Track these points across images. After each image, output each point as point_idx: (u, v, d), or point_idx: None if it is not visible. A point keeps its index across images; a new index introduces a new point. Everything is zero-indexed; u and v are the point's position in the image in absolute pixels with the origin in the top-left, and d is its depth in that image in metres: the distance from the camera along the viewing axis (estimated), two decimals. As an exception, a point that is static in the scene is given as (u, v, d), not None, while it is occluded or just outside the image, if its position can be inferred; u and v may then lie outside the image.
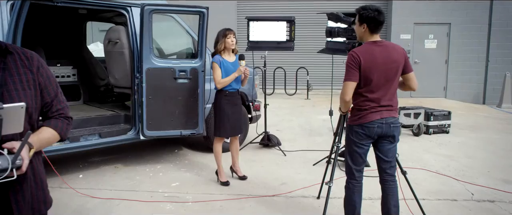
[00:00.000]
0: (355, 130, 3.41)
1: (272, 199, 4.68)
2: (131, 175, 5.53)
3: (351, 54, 3.32)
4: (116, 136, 5.61)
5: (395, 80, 3.39)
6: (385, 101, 3.35)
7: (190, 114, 5.60)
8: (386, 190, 3.49)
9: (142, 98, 5.33)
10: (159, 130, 5.51)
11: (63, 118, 1.92)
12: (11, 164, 1.53)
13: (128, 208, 4.43)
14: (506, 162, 6.22)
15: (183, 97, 5.54)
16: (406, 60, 3.44)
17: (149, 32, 5.25)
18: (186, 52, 6.39)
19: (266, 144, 6.91)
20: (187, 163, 6.12)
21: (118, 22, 7.11)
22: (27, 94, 1.75)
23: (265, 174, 5.55)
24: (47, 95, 1.85)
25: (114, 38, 5.96)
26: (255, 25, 6.65)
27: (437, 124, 8.01)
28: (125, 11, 5.61)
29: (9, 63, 1.73)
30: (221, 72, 4.88)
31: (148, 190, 4.95)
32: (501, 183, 5.16)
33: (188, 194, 4.82)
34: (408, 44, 13.59)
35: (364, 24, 3.36)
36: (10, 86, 1.70)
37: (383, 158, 3.47)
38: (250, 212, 4.34)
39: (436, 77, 13.79)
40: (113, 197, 4.69)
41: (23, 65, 1.77)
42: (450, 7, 13.55)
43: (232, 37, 4.96)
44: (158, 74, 5.38)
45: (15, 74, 1.73)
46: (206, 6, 5.45)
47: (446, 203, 4.52)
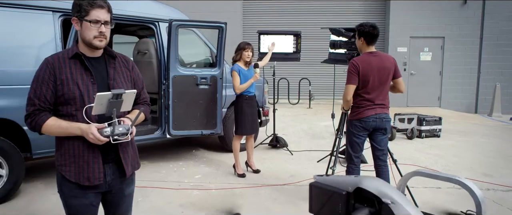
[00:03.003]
0: (354, 124, 4.21)
1: (283, 187, 5.45)
2: (157, 169, 6.28)
3: (352, 63, 4.13)
4: (144, 135, 6.37)
5: (387, 83, 4.19)
6: (379, 100, 4.15)
7: (209, 116, 6.37)
8: (380, 173, 4.28)
9: (168, 102, 6.10)
10: (183, 129, 6.27)
11: (146, 104, 2.70)
12: (130, 130, 2.31)
13: (160, 194, 5.18)
14: (489, 160, 6.99)
15: (204, 101, 6.31)
16: (396, 68, 4.23)
17: (176, 44, 6.04)
18: (204, 62, 7.19)
19: (274, 144, 7.69)
20: (205, 160, 6.89)
21: (141, 35, 7.94)
22: (127, 86, 2.52)
23: (276, 169, 6.32)
24: (137, 87, 2.61)
25: (143, 49, 6.76)
26: (265, 38, 7.44)
27: (429, 129, 8.78)
28: (153, 25, 6.42)
29: (116, 64, 2.50)
30: (240, 79, 5.67)
31: (175, 181, 5.71)
32: (481, 175, 5.94)
33: (210, 183, 5.59)
34: (405, 56, 14.37)
35: (362, 38, 4.18)
36: (118, 80, 2.46)
37: (377, 146, 4.27)
38: (266, 196, 5.10)
39: (430, 88, 14.55)
40: (146, 185, 5.43)
41: (124, 66, 2.54)
42: (444, 22, 14.32)
43: (249, 51, 5.77)
44: (182, 81, 6.15)
45: (120, 72, 2.49)
46: (224, 22, 6.26)
47: (432, 190, 5.29)
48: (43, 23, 5.17)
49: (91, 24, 2.23)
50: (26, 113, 2.28)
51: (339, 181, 1.42)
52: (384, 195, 1.28)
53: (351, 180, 1.39)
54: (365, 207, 1.33)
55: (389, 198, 1.27)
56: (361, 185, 1.34)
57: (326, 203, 1.41)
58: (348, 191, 1.38)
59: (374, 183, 1.34)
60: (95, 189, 2.39)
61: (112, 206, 2.55)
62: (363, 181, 1.35)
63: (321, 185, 1.45)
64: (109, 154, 2.39)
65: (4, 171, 4.83)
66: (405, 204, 1.27)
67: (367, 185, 1.33)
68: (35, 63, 4.98)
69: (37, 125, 2.25)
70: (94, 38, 2.25)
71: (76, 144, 2.29)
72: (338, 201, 1.37)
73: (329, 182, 1.44)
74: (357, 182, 1.36)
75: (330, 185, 1.42)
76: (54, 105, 2.29)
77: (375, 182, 1.37)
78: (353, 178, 1.39)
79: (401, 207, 1.26)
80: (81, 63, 2.30)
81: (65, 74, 2.25)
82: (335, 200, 1.38)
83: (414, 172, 1.74)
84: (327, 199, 1.40)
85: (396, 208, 1.25)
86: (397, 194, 1.30)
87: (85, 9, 2.22)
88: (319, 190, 1.45)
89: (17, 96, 4.85)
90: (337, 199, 1.37)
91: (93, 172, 2.33)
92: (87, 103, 2.25)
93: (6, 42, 4.84)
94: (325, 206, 1.41)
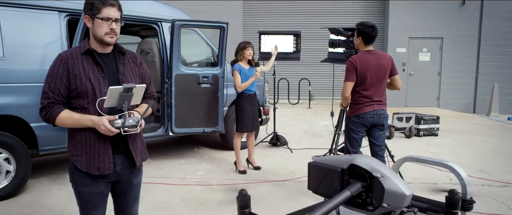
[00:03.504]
0: (353, 120, 4.34)
1: (283, 183, 5.58)
2: (160, 166, 6.41)
3: (350, 61, 4.27)
4: (147, 132, 6.49)
5: (384, 81, 4.33)
6: (376, 97, 4.28)
7: (211, 114, 6.49)
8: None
9: (171, 100, 6.22)
10: (185, 127, 6.40)
11: (154, 98, 2.83)
12: (139, 122, 2.44)
13: (164, 190, 5.31)
14: (485, 158, 7.12)
15: (205, 99, 6.43)
16: (393, 65, 4.36)
17: (178, 44, 6.16)
18: (206, 61, 7.33)
19: (274, 143, 7.82)
20: (206, 157, 7.02)
21: (143, 35, 8.07)
22: (136, 81, 2.65)
23: (276, 166, 6.45)
24: (145, 82, 2.74)
25: (146, 48, 6.90)
26: (266, 38, 7.58)
27: (427, 127, 8.92)
28: (156, 25, 6.56)
29: (125, 60, 2.63)
30: (241, 78, 5.80)
31: (178, 177, 5.85)
32: (476, 172, 6.08)
33: (212, 179, 5.72)
34: (403, 57, 14.51)
35: (360, 37, 4.31)
36: (127, 75, 2.59)
37: (374, 142, 4.40)
38: (267, 192, 5.23)
39: (429, 88, 14.69)
40: (149, 181, 5.56)
41: (133, 62, 2.67)
42: (443, 23, 14.47)
43: (250, 49, 5.91)
44: (185, 80, 6.27)
45: (129, 67, 2.62)
46: (226, 22, 6.40)
47: (428, 185, 5.42)
48: (49, 23, 5.30)
49: (102, 21, 2.36)
50: (41, 106, 2.41)
51: (334, 160, 1.55)
52: (375, 170, 1.42)
53: (346, 158, 1.52)
54: (358, 182, 1.47)
55: (379, 172, 1.41)
56: (355, 162, 1.48)
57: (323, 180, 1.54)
58: (343, 168, 1.51)
59: (366, 160, 1.48)
60: (105, 178, 2.52)
61: (121, 195, 2.68)
62: (356, 158, 1.49)
63: (318, 164, 1.59)
64: (118, 145, 2.52)
65: (12, 166, 4.97)
66: (393, 177, 1.40)
67: (360, 161, 1.47)
68: (41, 62, 5.13)
69: (51, 117, 2.38)
70: (105, 35, 2.38)
71: (87, 135, 2.42)
72: (334, 177, 1.50)
73: (326, 161, 1.58)
74: (351, 159, 1.49)
75: (327, 164, 1.56)
76: (67, 98, 2.42)
77: (367, 159, 1.50)
78: (347, 157, 1.53)
79: (390, 180, 1.39)
80: (93, 59, 2.43)
81: (78, 69, 2.38)
82: (331, 177, 1.51)
83: (406, 158, 1.88)
84: (324, 176, 1.53)
85: (385, 181, 1.38)
86: (387, 169, 1.44)
87: (97, 7, 2.36)
88: (317, 169, 1.58)
89: (24, 94, 4.99)
90: (333, 175, 1.51)
91: (103, 162, 2.46)
92: (99, 96, 2.38)
93: (13, 41, 4.97)
94: (322, 182, 1.54)
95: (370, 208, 1.46)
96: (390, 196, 1.39)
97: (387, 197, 1.39)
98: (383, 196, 1.39)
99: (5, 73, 4.89)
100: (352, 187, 1.43)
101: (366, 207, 1.48)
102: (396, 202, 1.40)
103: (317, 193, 1.63)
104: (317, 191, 1.61)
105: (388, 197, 1.39)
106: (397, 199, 1.40)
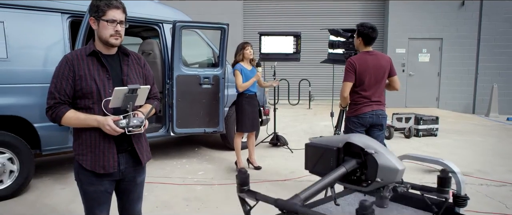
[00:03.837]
0: (352, 120, 4.40)
1: (283, 182, 5.64)
2: (161, 166, 6.47)
3: (349, 61, 4.32)
4: (148, 132, 6.52)
5: (383, 81, 4.38)
6: (375, 97, 4.34)
7: (212, 114, 6.55)
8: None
9: (172, 100, 6.28)
10: (186, 127, 6.45)
11: (157, 99, 2.89)
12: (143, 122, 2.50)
13: (165, 189, 5.36)
14: (484, 158, 7.18)
15: (206, 100, 6.48)
16: (391, 66, 4.42)
17: (179, 45, 6.22)
18: (207, 62, 7.39)
19: (275, 143, 7.88)
20: (207, 157, 7.08)
21: (144, 36, 8.14)
22: (139, 82, 2.71)
23: (276, 166, 6.51)
24: (148, 83, 2.80)
25: (148, 49, 6.96)
26: (266, 39, 7.63)
27: (426, 128, 8.97)
28: (157, 26, 6.62)
29: (129, 61, 2.69)
30: (242, 78, 5.86)
31: (179, 177, 5.90)
32: (475, 172, 6.13)
33: (213, 179, 5.78)
34: (403, 57, 14.58)
35: (360, 37, 4.37)
36: (131, 76, 2.65)
37: (374, 142, 4.45)
38: (267, 191, 5.22)
39: (429, 89, 14.75)
40: (151, 181, 5.61)
41: (136, 63, 2.72)
42: (442, 24, 14.55)
43: (250, 49, 5.97)
44: (186, 81, 6.33)
45: (133, 69, 2.68)
46: (226, 23, 6.46)
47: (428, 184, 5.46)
48: (52, 24, 5.37)
49: (107, 23, 2.42)
50: (47, 106, 2.46)
51: (330, 140, 1.61)
52: (369, 147, 1.48)
53: (341, 137, 1.59)
54: (353, 159, 1.52)
55: (373, 148, 1.47)
56: (349, 140, 1.54)
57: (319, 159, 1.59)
58: (338, 147, 1.57)
59: (361, 138, 1.54)
60: (109, 177, 2.58)
61: (125, 193, 2.74)
62: (351, 136, 1.55)
63: (315, 144, 1.65)
64: (122, 144, 2.57)
65: (15, 166, 5.03)
66: (386, 153, 1.47)
67: (355, 139, 1.53)
68: (44, 63, 5.19)
69: (57, 116, 2.44)
70: (110, 36, 2.44)
71: (92, 134, 2.48)
72: (330, 156, 1.56)
73: (322, 141, 1.63)
74: (346, 138, 1.56)
75: (323, 144, 1.61)
76: (73, 99, 2.47)
77: (361, 137, 1.57)
78: (342, 136, 1.59)
79: (383, 155, 1.46)
80: (98, 60, 2.49)
81: (83, 70, 2.44)
82: (327, 156, 1.57)
83: (402, 156, 1.94)
84: (321, 155, 1.59)
85: (378, 156, 1.44)
86: (380, 146, 1.50)
87: (102, 10, 2.42)
88: (313, 149, 1.64)
89: (27, 94, 5.06)
90: (329, 154, 1.56)
91: (108, 161, 2.52)
92: (103, 97, 2.44)
93: (17, 43, 5.03)
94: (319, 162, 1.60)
95: (364, 184, 1.52)
96: (383, 171, 1.45)
97: (380, 172, 1.45)
98: (376, 171, 1.45)
99: (9, 74, 4.95)
100: (347, 164, 1.49)
101: (361, 184, 1.53)
102: (389, 176, 1.47)
103: (313, 173, 1.68)
104: (313, 171, 1.66)
105: (382, 172, 1.45)
106: (390, 173, 1.46)
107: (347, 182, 1.56)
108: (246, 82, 5.86)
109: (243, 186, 1.50)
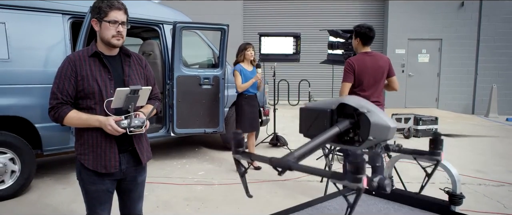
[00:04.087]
0: (351, 120, 4.43)
1: (283, 182, 5.67)
2: (162, 166, 6.50)
3: (348, 62, 4.36)
4: (149, 133, 6.56)
5: (381, 82, 4.42)
6: (374, 98, 4.37)
7: (212, 115, 6.58)
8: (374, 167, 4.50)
9: (172, 101, 6.31)
10: (186, 128, 6.48)
11: (158, 99, 2.92)
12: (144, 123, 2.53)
13: (166, 189, 5.40)
14: (482, 158, 7.22)
15: (206, 100, 6.51)
16: (390, 67, 4.45)
17: (179, 45, 6.25)
18: (207, 63, 7.42)
19: (275, 143, 7.92)
20: (208, 158, 7.12)
21: (145, 37, 8.17)
22: (141, 82, 2.74)
23: (276, 166, 6.52)
24: (149, 83, 2.83)
25: (148, 50, 7.00)
26: (266, 40, 7.67)
27: (425, 128, 9.01)
28: (158, 27, 6.65)
29: (131, 62, 2.73)
30: (241, 79, 5.90)
31: (179, 177, 5.94)
32: (473, 172, 6.17)
33: (213, 179, 5.82)
34: (403, 58, 14.59)
35: (358, 38, 4.41)
36: (132, 77, 2.68)
37: (372, 142, 4.49)
38: (266, 191, 5.32)
39: (428, 89, 14.77)
40: (152, 181, 5.64)
41: (138, 64, 2.76)
42: (442, 24, 14.54)
43: (251, 50, 6.01)
44: (186, 81, 6.36)
45: (134, 69, 2.71)
46: (226, 24, 6.49)
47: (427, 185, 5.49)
48: (53, 25, 5.40)
49: (109, 24, 2.46)
50: (50, 106, 2.49)
51: (324, 103, 1.62)
52: (362, 106, 1.50)
53: (334, 99, 1.60)
54: (346, 119, 1.54)
55: (365, 108, 1.49)
56: (343, 101, 1.56)
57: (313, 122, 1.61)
58: (332, 108, 1.58)
59: (354, 99, 1.56)
60: (111, 176, 2.61)
61: (126, 192, 2.77)
62: (345, 98, 1.58)
63: (309, 107, 1.67)
64: (124, 144, 2.61)
65: (17, 166, 5.06)
66: (378, 112, 1.49)
67: (348, 100, 1.55)
68: (45, 63, 5.23)
69: (59, 117, 2.47)
70: (112, 37, 2.48)
71: (94, 134, 2.52)
72: (324, 118, 1.57)
73: (316, 105, 1.65)
74: (339, 100, 1.58)
75: (317, 107, 1.63)
76: (75, 99, 2.51)
77: (354, 98, 1.59)
78: (336, 98, 1.61)
79: (375, 114, 1.48)
80: (100, 61, 2.53)
81: (86, 71, 2.47)
82: (321, 118, 1.58)
83: (400, 155, 1.97)
84: (315, 118, 1.60)
85: (371, 115, 1.46)
86: (373, 106, 1.53)
87: (104, 11, 2.45)
88: (308, 112, 1.65)
89: (29, 95, 5.09)
90: (323, 116, 1.57)
91: (109, 161, 2.55)
92: (105, 97, 2.48)
93: (18, 44, 5.06)
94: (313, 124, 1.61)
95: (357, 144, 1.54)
96: (375, 129, 1.46)
97: (373, 130, 1.46)
98: (369, 129, 1.46)
99: (10, 75, 4.99)
100: (340, 123, 1.51)
101: (354, 143, 1.55)
102: (381, 134, 1.48)
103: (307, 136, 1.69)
104: (308, 134, 1.66)
105: (374, 130, 1.46)
106: (382, 131, 1.48)
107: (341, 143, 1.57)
108: (245, 83, 5.89)
109: (238, 147, 1.52)
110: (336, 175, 1.19)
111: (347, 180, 1.14)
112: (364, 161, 1.13)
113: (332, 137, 1.48)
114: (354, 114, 1.52)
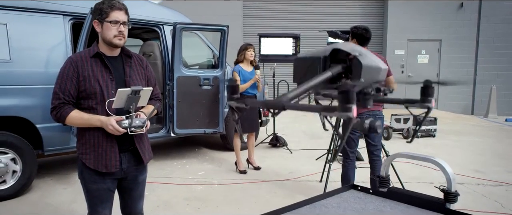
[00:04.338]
0: (350, 120, 4.46)
1: (282, 182, 5.71)
2: (162, 167, 6.54)
3: (346, 63, 4.39)
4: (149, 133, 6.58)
5: (379, 82, 4.45)
6: (372, 98, 4.41)
7: (212, 115, 6.61)
8: (374, 166, 4.54)
9: (173, 101, 6.34)
10: (186, 128, 6.51)
11: (158, 100, 2.96)
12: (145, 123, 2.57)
13: (166, 189, 5.43)
14: (481, 158, 7.25)
15: (206, 101, 6.55)
16: (388, 67, 4.48)
17: (180, 46, 6.29)
18: (207, 64, 7.46)
19: (274, 144, 7.95)
20: (208, 158, 7.15)
21: (145, 38, 8.21)
22: (142, 83, 2.78)
23: (276, 166, 6.57)
24: (150, 84, 2.87)
25: (148, 51, 7.03)
26: (266, 41, 7.70)
27: (425, 129, 9.04)
28: (158, 28, 6.69)
29: (132, 63, 2.76)
30: (240, 79, 5.93)
31: (179, 177, 5.97)
32: (472, 172, 6.20)
33: (213, 179, 5.85)
34: (402, 59, 14.63)
35: (354, 39, 4.45)
36: (133, 77, 2.72)
37: (370, 142, 4.53)
38: (266, 191, 5.35)
39: (428, 90, 14.74)
40: (152, 181, 5.67)
41: (139, 64, 2.79)
42: (441, 25, 14.57)
43: (252, 51, 6.05)
44: (186, 82, 6.39)
45: (135, 70, 2.75)
46: (226, 25, 6.53)
47: (425, 185, 5.54)
48: (54, 26, 5.44)
49: (111, 24, 2.50)
50: (52, 106, 2.53)
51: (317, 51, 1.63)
52: (354, 50, 1.52)
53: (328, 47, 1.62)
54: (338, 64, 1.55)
55: (357, 51, 1.51)
56: (335, 47, 1.58)
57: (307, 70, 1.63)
58: (325, 55, 1.60)
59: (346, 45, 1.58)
60: (112, 175, 2.65)
61: (126, 191, 2.81)
62: (337, 44, 1.60)
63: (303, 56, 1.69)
64: (124, 144, 2.64)
65: (18, 166, 5.10)
66: (369, 55, 1.52)
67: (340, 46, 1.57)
68: (46, 64, 5.26)
69: (61, 116, 2.51)
70: (114, 37, 2.52)
71: (96, 134, 2.55)
72: (317, 65, 1.59)
73: (309, 53, 1.68)
74: (332, 46, 1.60)
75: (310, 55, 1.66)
76: (77, 99, 2.54)
77: (347, 44, 1.61)
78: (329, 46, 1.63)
79: (367, 57, 1.50)
80: (101, 61, 2.57)
81: (87, 72, 2.51)
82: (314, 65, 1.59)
83: (396, 154, 2.01)
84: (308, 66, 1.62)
85: (363, 58, 1.48)
86: (365, 50, 1.55)
87: (105, 12, 2.49)
88: (301, 61, 1.67)
89: (30, 95, 5.13)
90: (316, 63, 1.59)
91: (110, 160, 2.59)
92: (107, 98, 2.51)
93: (19, 45, 5.10)
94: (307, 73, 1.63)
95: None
96: (367, 71, 1.49)
97: (364, 72, 1.49)
98: (361, 72, 1.48)
99: (11, 75, 5.03)
100: (333, 68, 1.54)
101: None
102: (373, 76, 1.51)
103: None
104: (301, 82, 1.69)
105: (366, 72, 1.49)
106: (374, 72, 1.50)
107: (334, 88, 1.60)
108: (244, 84, 5.92)
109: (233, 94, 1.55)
110: (327, 108, 1.22)
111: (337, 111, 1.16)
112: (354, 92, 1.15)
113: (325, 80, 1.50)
114: (346, 60, 1.54)
